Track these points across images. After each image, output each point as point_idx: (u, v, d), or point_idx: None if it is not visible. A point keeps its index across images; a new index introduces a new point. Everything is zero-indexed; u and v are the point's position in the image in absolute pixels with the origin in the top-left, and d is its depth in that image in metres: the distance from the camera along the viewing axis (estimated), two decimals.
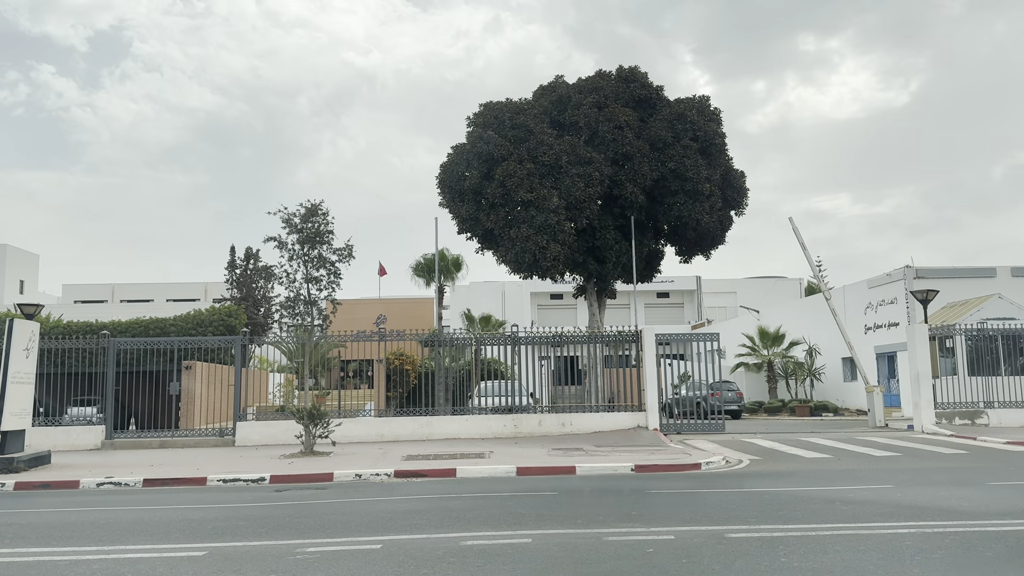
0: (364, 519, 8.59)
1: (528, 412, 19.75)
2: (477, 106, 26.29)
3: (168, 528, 8.35)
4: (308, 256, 17.71)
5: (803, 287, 54.75)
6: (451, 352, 21.14)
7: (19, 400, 14.41)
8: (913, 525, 7.36)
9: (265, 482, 12.37)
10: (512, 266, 24.95)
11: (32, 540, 7.74)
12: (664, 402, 20.64)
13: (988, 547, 6.39)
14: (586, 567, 6.04)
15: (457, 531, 7.56)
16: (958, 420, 20.16)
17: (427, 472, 12.66)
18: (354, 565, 6.26)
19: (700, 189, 24.49)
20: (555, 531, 7.53)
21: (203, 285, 60.57)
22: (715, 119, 25.95)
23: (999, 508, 8.34)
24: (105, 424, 18.82)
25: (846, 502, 8.89)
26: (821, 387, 33.79)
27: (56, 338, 19.73)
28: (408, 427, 19.14)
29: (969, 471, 11.96)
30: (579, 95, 25.63)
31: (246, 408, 19.73)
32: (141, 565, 6.49)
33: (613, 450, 15.26)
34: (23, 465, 13.86)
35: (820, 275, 25.74)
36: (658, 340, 20.29)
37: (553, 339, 20.56)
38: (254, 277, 41.34)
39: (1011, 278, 28.59)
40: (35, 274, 61.51)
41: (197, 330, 23.99)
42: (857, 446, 16.00)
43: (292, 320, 18.13)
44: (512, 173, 23.63)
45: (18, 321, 14.94)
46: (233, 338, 20.05)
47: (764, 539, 6.86)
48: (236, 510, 9.69)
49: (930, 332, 20.58)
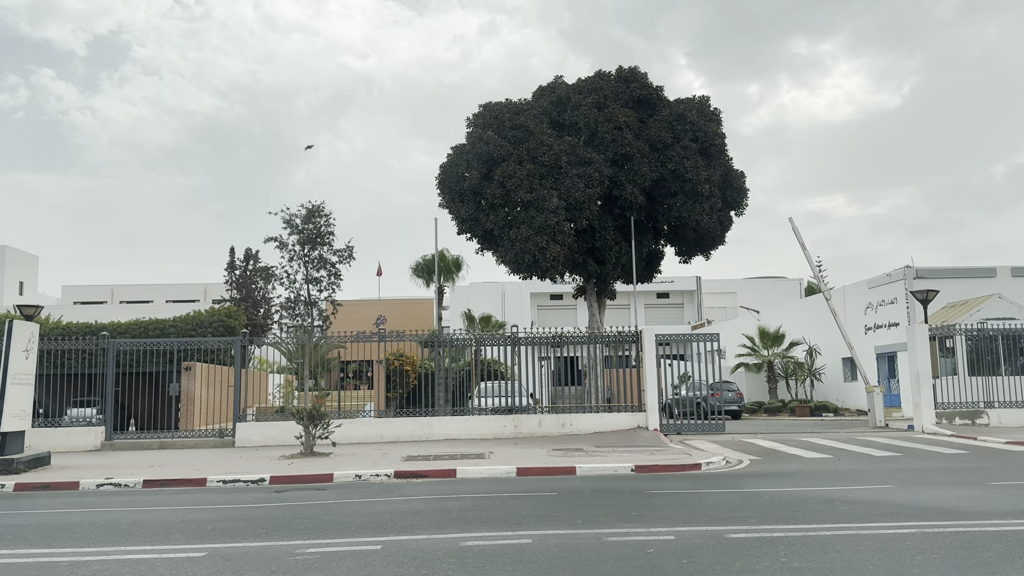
0: (364, 520, 8.58)
1: (528, 413, 19.73)
2: (475, 107, 26.33)
3: (168, 529, 8.34)
4: (308, 257, 17.71)
5: (803, 287, 54.75)
6: (451, 353, 21.11)
7: (19, 401, 14.40)
8: (913, 525, 7.35)
9: (265, 483, 12.37)
10: (512, 267, 24.94)
11: (32, 541, 7.73)
12: (664, 402, 20.62)
13: (988, 547, 6.38)
14: (586, 568, 6.04)
15: (457, 532, 7.56)
16: (958, 420, 20.15)
17: (427, 473, 12.66)
18: (354, 566, 6.26)
19: (700, 190, 24.48)
20: (555, 531, 7.52)
21: (203, 286, 60.54)
22: (715, 119, 25.93)
23: (999, 508, 8.34)
24: (105, 425, 18.81)
25: (846, 502, 8.89)
26: (821, 387, 33.78)
27: (56, 339, 19.72)
28: (408, 428, 19.13)
29: (969, 471, 11.95)
30: (579, 96, 25.62)
31: (246, 409, 19.71)
32: (141, 566, 6.48)
33: (613, 450, 15.26)
34: (23, 466, 13.86)
35: (820, 275, 25.76)
36: (658, 340, 20.27)
37: (553, 339, 20.54)
38: (254, 278, 41.36)
39: (1011, 278, 28.59)
40: (35, 275, 61.49)
41: (197, 331, 23.96)
42: (857, 446, 16.00)
43: (292, 321, 18.14)
44: (512, 174, 23.62)
45: (17, 322, 14.93)
46: (233, 339, 20.04)
47: (764, 539, 6.85)
48: (236, 511, 9.68)
49: (930, 332, 20.57)
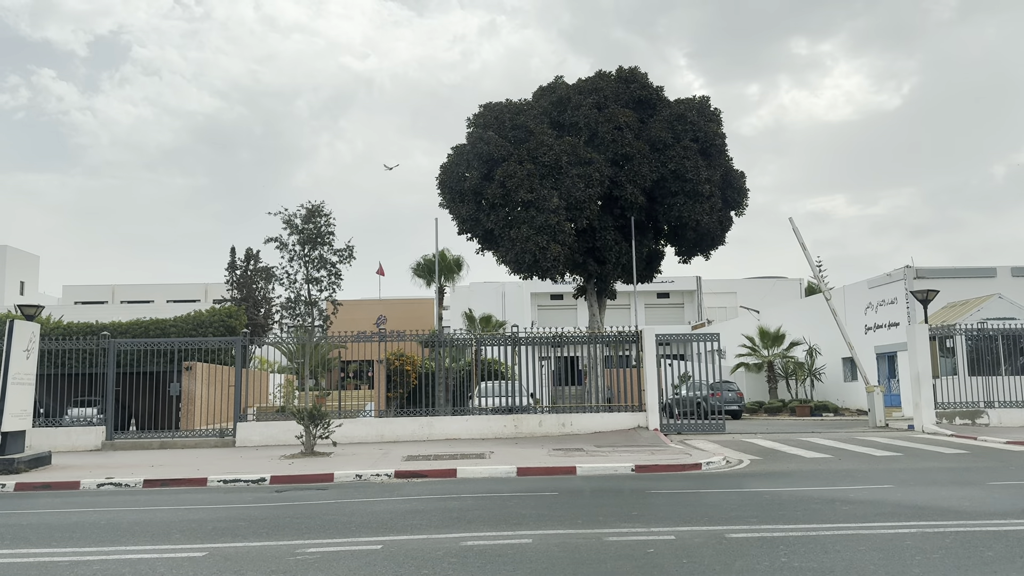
0: (365, 519, 8.58)
1: (528, 412, 19.73)
2: (475, 108, 26.33)
3: (168, 529, 8.35)
4: (309, 257, 17.73)
5: (803, 287, 54.74)
6: (451, 352, 21.12)
7: (19, 401, 14.41)
8: (913, 525, 7.35)
9: (265, 483, 12.37)
10: (512, 267, 24.94)
11: (33, 541, 7.74)
12: (664, 402, 20.62)
13: (989, 547, 6.38)
14: (586, 567, 6.04)
15: (458, 531, 7.56)
16: (958, 420, 20.15)
17: (427, 472, 12.66)
18: (354, 566, 6.26)
19: (700, 190, 24.47)
20: (556, 531, 7.53)
21: (203, 286, 60.57)
22: (715, 119, 25.92)
23: (999, 508, 8.34)
24: (105, 425, 18.82)
25: (846, 502, 8.89)
26: (821, 387, 33.77)
27: (56, 339, 19.73)
28: (408, 427, 19.13)
29: (969, 471, 11.95)
30: (579, 96, 25.62)
31: (246, 409, 19.72)
32: (141, 566, 6.49)
33: (613, 450, 15.26)
34: (24, 466, 13.87)
35: (820, 275, 25.75)
36: (658, 340, 20.27)
37: (553, 339, 20.53)
38: (254, 278, 41.40)
39: (1011, 278, 28.59)
40: (35, 275, 61.50)
41: (197, 331, 23.99)
42: (857, 446, 16.00)
43: (292, 321, 18.16)
44: (512, 174, 23.63)
45: (18, 322, 14.94)
46: (233, 339, 20.04)
47: (764, 539, 6.86)
48: (236, 511, 9.68)
49: (930, 332, 20.57)
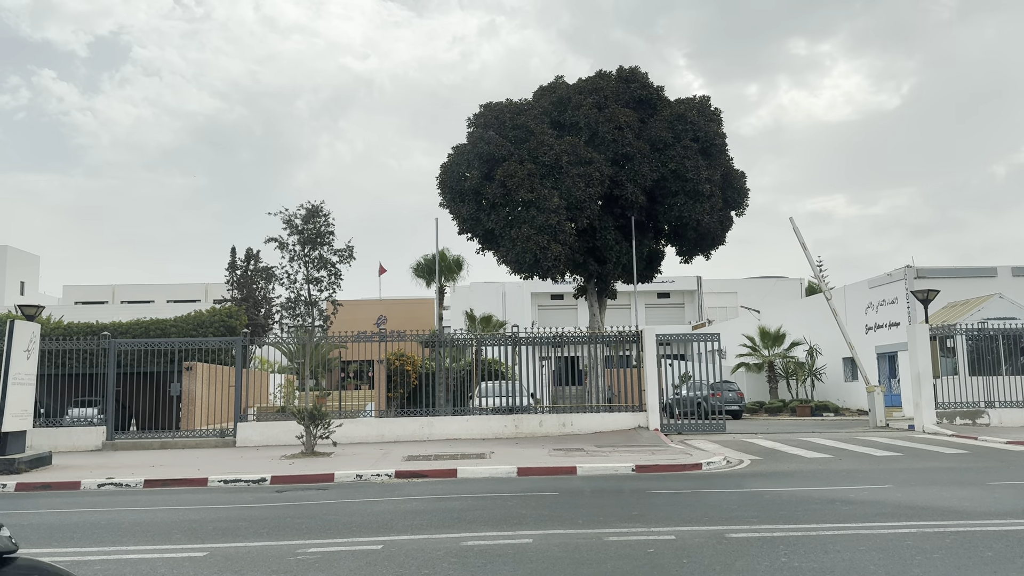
0: (365, 520, 8.59)
1: (529, 412, 19.73)
2: (475, 108, 26.34)
3: (169, 529, 8.35)
4: (309, 257, 17.71)
5: (803, 287, 54.74)
6: (452, 352, 21.12)
7: (20, 401, 14.43)
8: (914, 525, 7.35)
9: (266, 483, 12.38)
10: (513, 266, 24.94)
11: (33, 541, 7.74)
12: (665, 402, 20.62)
13: (989, 547, 6.38)
14: (587, 567, 6.04)
15: (458, 531, 7.56)
16: (959, 420, 20.15)
17: (428, 473, 12.66)
18: (355, 566, 6.27)
19: (700, 189, 24.48)
20: (556, 531, 7.53)
21: (203, 286, 60.57)
22: (715, 119, 25.92)
23: (1000, 508, 8.34)
24: (106, 425, 18.82)
25: (847, 502, 8.89)
26: (822, 387, 33.77)
27: (57, 339, 19.72)
28: (409, 428, 19.14)
29: (970, 471, 11.95)
30: (579, 96, 25.62)
31: (247, 409, 19.72)
32: (142, 566, 6.49)
33: (614, 450, 15.26)
34: (24, 466, 13.88)
35: (821, 275, 25.73)
36: (659, 340, 20.27)
37: (554, 339, 20.53)
38: (254, 278, 41.41)
39: (1012, 278, 28.60)
40: (36, 275, 61.51)
41: (198, 331, 23.99)
42: (858, 446, 15.99)
43: (293, 321, 18.13)
44: (513, 173, 23.63)
45: (19, 322, 14.95)
46: (234, 339, 20.05)
47: (765, 539, 6.86)
48: (237, 511, 9.69)
49: (931, 332, 20.56)
